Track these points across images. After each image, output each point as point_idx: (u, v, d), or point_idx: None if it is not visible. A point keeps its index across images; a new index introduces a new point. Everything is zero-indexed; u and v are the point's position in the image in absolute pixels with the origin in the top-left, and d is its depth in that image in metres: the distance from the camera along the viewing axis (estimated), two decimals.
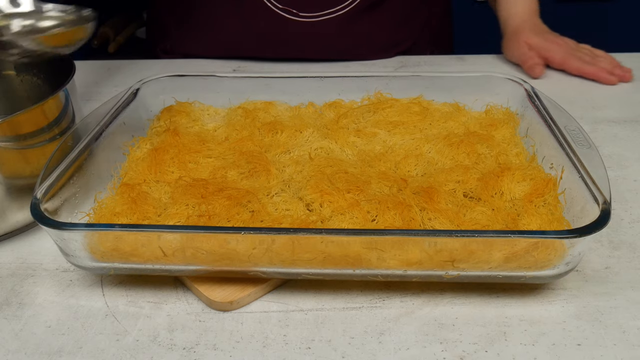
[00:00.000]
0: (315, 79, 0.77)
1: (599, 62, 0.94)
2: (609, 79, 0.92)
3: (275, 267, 0.51)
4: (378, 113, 0.72)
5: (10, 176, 0.59)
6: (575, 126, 0.62)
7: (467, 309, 0.51)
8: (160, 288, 0.54)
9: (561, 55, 0.96)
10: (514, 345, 0.48)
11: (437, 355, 0.47)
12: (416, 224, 0.54)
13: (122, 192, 0.58)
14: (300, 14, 0.96)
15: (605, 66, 0.93)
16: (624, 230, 0.60)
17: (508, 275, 0.50)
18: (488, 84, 0.75)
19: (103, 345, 0.49)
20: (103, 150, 0.63)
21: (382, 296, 0.53)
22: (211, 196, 0.56)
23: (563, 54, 0.96)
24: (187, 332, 0.50)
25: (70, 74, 0.65)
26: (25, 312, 0.52)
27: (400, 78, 0.77)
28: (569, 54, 0.96)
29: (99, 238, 0.50)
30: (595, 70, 0.93)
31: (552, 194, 0.56)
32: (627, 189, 0.67)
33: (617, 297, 0.52)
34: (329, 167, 0.61)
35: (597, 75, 0.93)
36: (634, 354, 0.47)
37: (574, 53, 0.96)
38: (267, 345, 0.48)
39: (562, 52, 0.96)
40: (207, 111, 0.76)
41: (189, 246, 0.50)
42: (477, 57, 1.04)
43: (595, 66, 0.94)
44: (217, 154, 0.65)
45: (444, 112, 0.73)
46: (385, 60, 1.04)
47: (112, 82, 0.97)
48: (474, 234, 0.48)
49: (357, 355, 0.47)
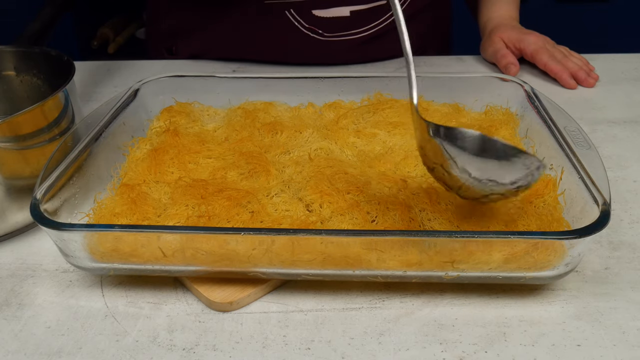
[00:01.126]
0: (315, 79, 0.77)
1: (567, 63, 0.94)
2: (568, 82, 0.92)
3: (275, 267, 0.51)
4: (378, 114, 0.72)
5: (10, 176, 0.59)
6: (574, 127, 0.62)
7: (467, 310, 0.51)
8: (160, 289, 0.54)
9: (533, 48, 0.95)
10: (514, 345, 0.48)
11: (437, 355, 0.47)
12: (416, 224, 0.54)
13: (122, 193, 0.58)
14: (325, 34, 0.98)
15: (572, 67, 0.93)
16: (623, 231, 0.60)
17: (508, 276, 0.50)
18: (488, 85, 0.75)
19: (103, 345, 0.49)
20: (103, 150, 0.63)
21: (382, 297, 0.53)
22: (211, 197, 0.56)
23: (535, 46, 0.96)
24: (187, 332, 0.50)
25: (70, 74, 0.65)
26: (25, 312, 0.52)
27: (400, 78, 0.77)
28: (541, 48, 0.95)
29: (98, 239, 0.50)
30: (560, 69, 0.93)
31: (552, 194, 0.56)
32: (627, 189, 0.67)
33: (616, 298, 0.52)
34: (329, 167, 0.61)
35: (559, 75, 0.92)
36: (634, 354, 0.47)
37: (547, 48, 0.96)
38: (266, 345, 0.48)
39: (535, 44, 0.96)
40: (207, 111, 0.76)
41: (188, 247, 0.50)
42: (477, 57, 1.04)
43: (560, 65, 0.93)
44: (217, 155, 0.65)
45: (444, 112, 0.73)
46: (386, 60, 1.04)
47: (112, 82, 0.97)
48: (474, 235, 0.48)
49: (357, 355, 0.47)
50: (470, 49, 1.06)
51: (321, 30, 0.98)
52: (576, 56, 0.97)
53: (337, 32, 0.99)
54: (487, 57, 1.01)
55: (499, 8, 1.04)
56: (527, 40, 0.96)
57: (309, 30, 0.98)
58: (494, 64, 1.00)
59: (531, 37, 0.97)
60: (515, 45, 0.97)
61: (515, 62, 0.95)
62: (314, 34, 0.98)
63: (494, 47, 0.98)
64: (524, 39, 0.97)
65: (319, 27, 0.98)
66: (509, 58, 0.96)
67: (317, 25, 0.98)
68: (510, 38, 0.98)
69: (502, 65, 0.96)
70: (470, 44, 1.09)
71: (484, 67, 1.01)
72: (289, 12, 0.97)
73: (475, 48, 1.06)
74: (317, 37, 0.99)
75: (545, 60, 0.94)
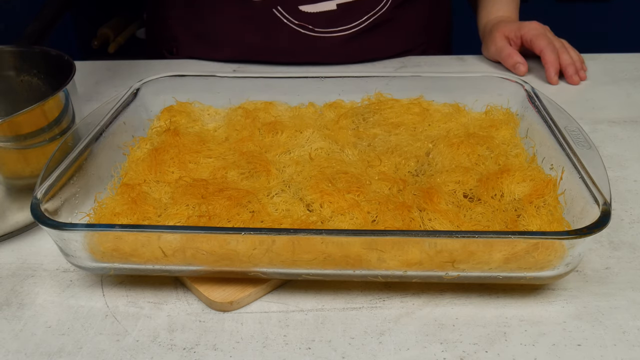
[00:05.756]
0: (315, 79, 0.77)
1: (562, 54, 0.94)
2: (551, 77, 0.93)
3: (276, 267, 0.51)
4: (378, 113, 0.72)
5: (10, 176, 0.59)
6: (575, 127, 0.62)
7: (467, 310, 0.51)
8: (161, 288, 0.54)
9: (534, 33, 0.96)
10: (514, 345, 0.48)
11: (437, 355, 0.47)
12: (416, 224, 0.54)
13: (122, 193, 0.58)
14: (315, 29, 0.98)
15: (565, 60, 0.93)
16: (624, 231, 0.60)
17: (508, 276, 0.50)
18: (488, 85, 0.75)
19: (103, 345, 0.49)
20: (103, 150, 0.63)
21: (382, 297, 0.53)
22: (211, 196, 0.56)
23: (536, 32, 0.96)
24: (187, 332, 0.50)
25: (70, 74, 0.65)
26: (26, 312, 0.52)
27: (401, 78, 0.77)
28: (541, 34, 0.96)
29: (99, 238, 0.50)
30: (552, 61, 0.93)
31: (552, 194, 0.56)
32: (627, 189, 0.67)
33: (617, 298, 0.52)
34: (329, 167, 0.61)
35: (548, 67, 0.93)
36: (634, 354, 0.47)
37: (546, 35, 0.96)
38: (267, 345, 0.48)
39: (535, 30, 0.97)
40: (207, 111, 0.76)
41: (189, 246, 0.50)
42: (478, 57, 1.04)
43: (554, 56, 0.94)
44: (217, 154, 0.65)
45: (444, 112, 0.73)
46: (386, 60, 1.04)
47: (112, 82, 0.97)
48: (474, 235, 0.48)
49: (357, 355, 0.47)
50: (470, 49, 1.06)
51: (311, 25, 0.98)
52: (573, 51, 0.97)
53: (327, 27, 0.99)
54: (491, 56, 1.01)
55: (499, 9, 1.05)
56: (528, 26, 0.97)
57: (299, 26, 0.98)
58: (497, 63, 1.00)
59: (532, 24, 0.98)
60: (516, 34, 0.97)
61: (522, 61, 0.95)
62: (305, 30, 0.98)
63: (496, 45, 0.98)
64: (524, 26, 0.97)
65: (309, 22, 0.98)
66: (516, 57, 0.96)
67: (306, 20, 0.98)
68: (512, 29, 0.98)
69: (510, 65, 0.96)
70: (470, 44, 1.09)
71: (485, 67, 1.00)
72: (276, 10, 0.97)
73: (475, 48, 1.06)
74: (309, 32, 0.99)
75: (543, 46, 0.94)
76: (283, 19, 0.98)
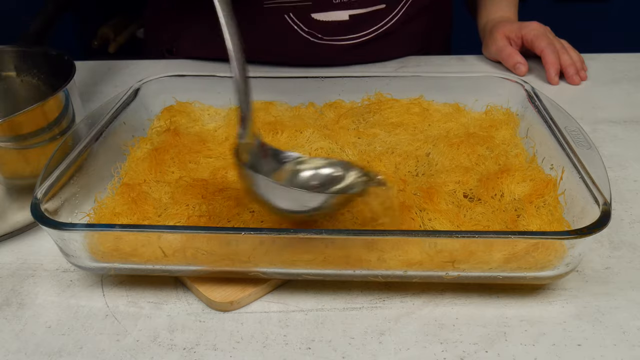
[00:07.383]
0: (315, 79, 0.77)
1: (562, 55, 0.94)
2: (552, 78, 0.93)
3: (276, 267, 0.51)
4: (378, 113, 0.72)
5: (10, 176, 0.59)
6: (575, 127, 0.62)
7: (467, 310, 0.51)
8: (161, 288, 0.54)
9: (534, 33, 0.96)
10: (514, 345, 0.48)
11: (437, 355, 0.47)
12: (416, 224, 0.54)
13: (123, 192, 0.58)
14: (324, 38, 0.98)
15: (565, 60, 0.93)
16: (624, 231, 0.60)
17: (508, 276, 0.50)
18: (488, 85, 0.75)
19: (103, 345, 0.49)
20: (103, 150, 0.63)
21: (383, 296, 0.53)
22: (211, 196, 0.56)
23: (537, 32, 0.96)
24: (187, 332, 0.50)
25: (70, 74, 0.65)
26: (26, 312, 0.52)
27: (401, 78, 0.77)
28: (542, 34, 0.96)
29: (99, 238, 0.50)
30: (552, 61, 0.93)
31: (552, 194, 0.56)
32: (627, 189, 0.67)
33: (617, 298, 0.52)
34: None
35: (549, 67, 0.93)
36: (634, 354, 0.47)
37: (547, 36, 0.97)
38: (267, 345, 0.48)
39: (536, 30, 0.97)
40: (208, 111, 0.76)
41: (189, 246, 0.50)
42: (477, 57, 1.04)
43: (555, 57, 0.94)
44: (217, 154, 0.65)
45: (444, 112, 0.73)
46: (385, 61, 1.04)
47: (112, 82, 0.97)
48: (474, 235, 0.48)
49: (357, 355, 0.47)
50: (470, 49, 1.06)
51: (320, 34, 0.98)
52: (573, 52, 0.97)
53: (336, 35, 0.99)
54: (491, 55, 1.01)
55: (498, 9, 1.05)
56: (529, 26, 0.97)
57: (308, 34, 0.98)
58: (497, 63, 1.00)
59: (533, 24, 0.98)
60: (516, 34, 0.97)
61: (523, 61, 0.95)
62: (313, 37, 0.98)
63: (497, 45, 0.98)
64: (525, 26, 0.98)
65: (318, 30, 0.98)
66: (516, 57, 0.96)
67: (316, 29, 0.98)
68: (512, 29, 0.98)
69: (510, 65, 0.96)
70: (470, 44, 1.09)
71: (485, 67, 1.00)
72: (288, 16, 0.97)
73: (475, 48, 1.06)
74: (315, 40, 0.99)
75: (544, 46, 0.94)
76: (293, 25, 0.97)
